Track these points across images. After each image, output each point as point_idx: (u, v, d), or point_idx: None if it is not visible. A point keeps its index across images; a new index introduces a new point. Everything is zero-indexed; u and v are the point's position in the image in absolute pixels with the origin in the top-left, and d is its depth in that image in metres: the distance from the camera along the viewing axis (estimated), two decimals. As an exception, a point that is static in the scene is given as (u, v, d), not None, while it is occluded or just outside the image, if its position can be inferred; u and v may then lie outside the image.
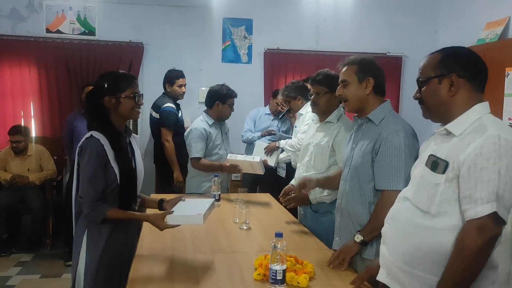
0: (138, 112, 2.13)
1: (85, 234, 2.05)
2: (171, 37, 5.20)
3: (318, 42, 5.42)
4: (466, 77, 1.50)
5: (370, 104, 2.07)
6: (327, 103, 2.63)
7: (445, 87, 1.51)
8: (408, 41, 5.46)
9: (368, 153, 1.98)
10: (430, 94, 1.55)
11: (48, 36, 4.98)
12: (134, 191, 2.16)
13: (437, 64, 1.53)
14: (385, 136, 1.94)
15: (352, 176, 2.06)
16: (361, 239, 1.96)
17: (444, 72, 1.51)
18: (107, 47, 5.04)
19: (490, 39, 4.30)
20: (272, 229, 2.59)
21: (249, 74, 5.29)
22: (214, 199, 2.33)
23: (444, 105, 1.52)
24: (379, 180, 1.95)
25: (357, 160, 2.04)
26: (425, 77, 1.56)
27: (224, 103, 3.54)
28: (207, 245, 2.35)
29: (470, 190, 1.37)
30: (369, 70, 2.07)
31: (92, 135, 2.03)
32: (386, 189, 1.91)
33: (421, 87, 1.58)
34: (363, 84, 2.06)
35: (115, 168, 2.02)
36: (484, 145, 1.36)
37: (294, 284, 1.79)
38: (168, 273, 1.93)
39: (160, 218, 2.05)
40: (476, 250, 1.34)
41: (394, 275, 1.57)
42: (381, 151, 1.93)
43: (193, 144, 3.47)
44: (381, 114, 2.03)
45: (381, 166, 1.93)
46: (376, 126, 2.01)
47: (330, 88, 2.56)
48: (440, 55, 1.55)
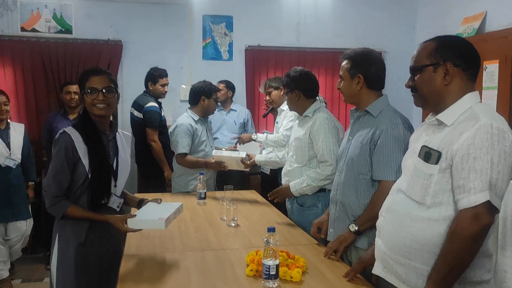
0: (99, 108, 2.05)
1: (57, 234, 2.04)
2: (151, 35, 5.12)
3: (299, 39, 5.42)
4: (461, 66, 1.50)
5: (364, 98, 2.09)
6: (292, 102, 2.79)
7: (440, 75, 1.51)
8: (388, 37, 5.51)
9: (366, 144, 1.99)
10: (425, 82, 1.55)
11: (23, 35, 4.84)
12: (107, 189, 2.10)
13: (432, 52, 1.53)
14: (384, 128, 1.95)
15: (348, 167, 2.07)
16: (356, 228, 1.96)
17: (440, 60, 1.51)
18: (85, 45, 4.92)
19: (468, 33, 4.37)
20: (260, 225, 2.60)
21: (230, 71, 5.25)
22: (181, 204, 2.24)
23: (438, 94, 1.52)
24: (377, 171, 1.95)
25: (353, 151, 2.04)
26: (420, 65, 1.55)
27: (210, 97, 3.55)
28: (196, 242, 2.32)
29: (463, 180, 1.38)
30: (359, 67, 2.08)
31: (64, 130, 2.02)
32: (385, 179, 1.92)
33: (414, 75, 1.58)
34: (355, 80, 2.08)
35: (85, 164, 1.99)
36: (477, 135, 1.37)
37: (287, 279, 1.78)
38: (159, 272, 1.90)
39: (121, 220, 2.00)
40: (470, 238, 1.35)
41: (390, 267, 1.57)
42: (380, 142, 1.94)
43: (180, 140, 3.43)
44: (379, 107, 2.04)
45: (380, 157, 1.94)
46: (374, 118, 2.03)
47: (289, 88, 2.77)
48: (435, 43, 1.54)
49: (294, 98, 2.76)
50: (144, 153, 4.16)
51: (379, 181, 1.95)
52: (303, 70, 2.81)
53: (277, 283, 1.71)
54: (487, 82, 4.07)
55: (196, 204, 3.10)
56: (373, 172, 1.97)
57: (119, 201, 2.18)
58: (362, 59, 2.09)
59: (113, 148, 2.16)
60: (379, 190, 1.94)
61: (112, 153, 2.14)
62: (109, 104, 2.07)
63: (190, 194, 3.36)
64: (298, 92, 2.73)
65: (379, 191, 1.93)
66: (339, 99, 5.26)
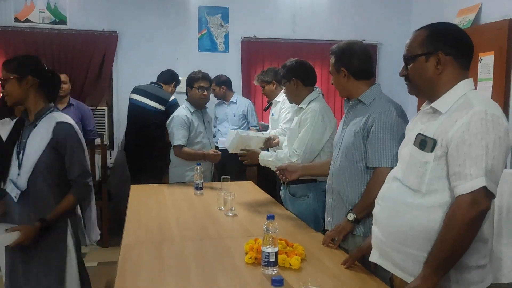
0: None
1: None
2: (146, 26, 5.10)
3: (295, 30, 5.41)
4: (453, 55, 1.51)
5: (355, 89, 2.10)
6: (291, 92, 2.79)
7: (432, 64, 1.52)
8: (383, 29, 5.52)
9: (359, 132, 2.00)
10: (417, 71, 1.55)
11: (17, 25, 4.81)
12: (3, 174, 2.19)
13: (424, 41, 1.53)
14: (377, 115, 1.96)
15: (343, 156, 2.08)
16: (354, 217, 1.98)
17: (431, 50, 1.51)
18: (80, 36, 4.90)
19: (463, 25, 4.38)
20: (257, 215, 2.61)
21: (226, 63, 5.25)
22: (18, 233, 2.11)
23: (431, 83, 1.53)
24: (371, 158, 1.97)
25: (348, 140, 2.06)
26: (412, 55, 1.56)
27: (192, 87, 3.49)
28: (194, 232, 2.33)
29: (459, 167, 1.39)
30: (341, 61, 2.11)
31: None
32: (379, 166, 1.93)
33: (407, 64, 1.58)
34: (341, 74, 2.11)
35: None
36: (472, 121, 1.38)
37: (286, 266, 1.80)
38: (157, 261, 1.90)
39: None
40: (467, 224, 1.36)
41: (387, 255, 1.58)
42: (373, 129, 1.95)
43: (175, 132, 3.43)
44: (371, 96, 2.05)
45: (374, 144, 1.95)
46: (367, 106, 2.04)
47: (286, 78, 2.76)
48: (427, 31, 1.55)
49: (293, 87, 2.75)
50: (147, 143, 4.15)
51: (374, 168, 1.97)
52: (299, 59, 2.82)
53: (276, 270, 1.73)
54: (482, 74, 4.10)
55: (193, 195, 3.11)
56: (367, 160, 1.99)
57: (16, 191, 2.14)
58: (343, 53, 2.11)
59: (27, 136, 2.18)
60: (373, 177, 1.96)
61: (25, 140, 2.17)
62: (7, 94, 2.15)
63: (187, 185, 3.36)
64: (296, 80, 2.73)
65: (374, 178, 1.95)
66: (334, 91, 5.28)
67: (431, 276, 1.40)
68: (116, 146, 5.19)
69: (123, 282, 1.68)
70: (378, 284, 1.68)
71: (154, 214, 2.64)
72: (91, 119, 4.50)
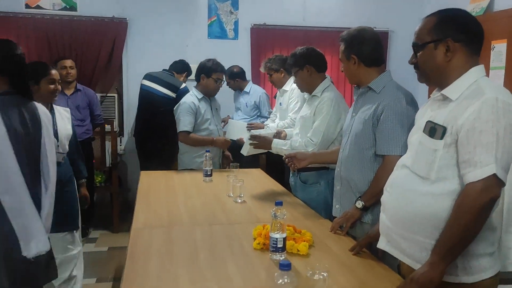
0: None
1: None
2: (156, 13, 5.09)
3: (305, 18, 5.37)
4: (462, 41, 1.48)
5: (365, 76, 2.09)
6: (303, 80, 2.74)
7: (441, 52, 1.49)
8: (395, 16, 5.45)
9: (369, 120, 1.99)
10: (426, 59, 1.53)
11: (27, 12, 4.82)
12: None
13: (433, 28, 1.51)
14: (387, 102, 1.95)
15: (352, 143, 2.08)
16: (362, 204, 1.98)
17: (440, 37, 1.49)
18: (90, 23, 4.91)
19: (476, 12, 4.32)
20: (266, 201, 2.63)
21: (235, 50, 5.23)
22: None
23: (441, 70, 1.51)
24: (381, 146, 1.96)
25: (357, 127, 2.05)
26: (421, 42, 1.54)
27: (209, 77, 3.50)
28: (203, 218, 2.35)
29: (469, 154, 1.38)
30: (351, 47, 2.09)
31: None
32: (388, 154, 1.93)
33: (416, 52, 1.56)
34: (351, 61, 2.09)
35: None
36: (482, 108, 1.37)
37: (294, 252, 1.81)
38: (167, 246, 1.93)
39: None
40: (476, 211, 1.36)
41: (395, 242, 1.59)
42: (383, 117, 1.94)
43: (182, 118, 3.45)
44: (381, 83, 2.04)
45: (383, 132, 1.94)
46: (377, 94, 2.03)
47: (298, 66, 2.70)
48: (436, 18, 1.52)
49: (306, 74, 2.71)
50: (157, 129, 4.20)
51: (383, 156, 1.96)
52: (309, 46, 2.78)
53: (284, 256, 1.74)
54: (495, 62, 4.04)
55: (202, 181, 3.13)
56: (377, 147, 1.99)
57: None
58: (353, 39, 2.09)
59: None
60: (383, 165, 1.95)
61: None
62: None
63: (196, 171, 3.38)
64: (310, 67, 2.69)
65: (383, 166, 1.94)
66: (344, 79, 5.24)
67: (438, 263, 1.40)
68: (126, 133, 5.22)
69: (133, 266, 1.71)
70: (385, 271, 1.69)
71: (164, 200, 2.67)
72: (98, 104, 4.54)
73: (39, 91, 2.50)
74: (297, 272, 1.63)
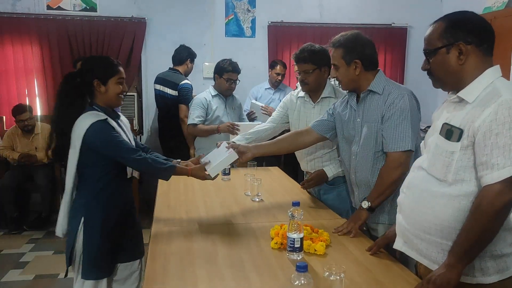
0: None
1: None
2: (174, 12, 5.14)
3: (322, 15, 5.36)
4: (474, 43, 1.47)
5: (364, 81, 2.09)
6: (316, 80, 2.54)
7: (454, 56, 1.49)
8: (413, 12, 5.39)
9: (378, 122, 2.01)
10: (439, 64, 1.52)
11: (49, 13, 4.94)
12: None
13: (443, 33, 1.50)
14: (391, 101, 1.98)
15: (363, 148, 2.09)
16: (368, 205, 1.99)
17: (451, 41, 1.48)
18: (109, 23, 4.99)
19: (497, 7, 4.25)
20: (284, 201, 2.64)
21: (253, 48, 5.26)
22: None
23: (455, 74, 1.50)
24: (387, 144, 1.99)
25: (367, 132, 2.06)
26: (432, 48, 1.53)
27: (221, 77, 3.57)
28: (221, 217, 2.38)
29: (486, 156, 1.38)
30: (354, 52, 2.06)
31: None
32: (394, 151, 1.95)
33: (429, 58, 1.55)
34: (352, 66, 2.07)
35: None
36: (499, 110, 1.36)
37: (311, 252, 1.83)
38: (186, 244, 1.97)
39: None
40: (494, 214, 1.36)
41: (411, 242, 1.60)
42: (388, 115, 1.97)
43: (192, 112, 3.61)
44: (381, 84, 2.07)
45: (389, 129, 1.97)
46: (380, 95, 2.05)
47: (317, 64, 2.50)
48: (444, 23, 1.51)
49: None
50: (172, 129, 4.26)
51: (386, 153, 1.99)
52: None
53: (301, 256, 1.76)
54: (516, 58, 3.97)
55: (220, 180, 3.17)
56: (384, 146, 2.01)
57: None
58: (355, 44, 2.06)
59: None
60: (385, 163, 1.97)
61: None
62: None
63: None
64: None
65: (386, 164, 1.96)
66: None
67: (455, 265, 1.41)
68: (146, 131, 5.30)
69: (154, 265, 1.76)
70: (402, 271, 1.70)
71: (183, 198, 2.71)
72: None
73: (106, 93, 2.18)
74: (314, 272, 1.65)
